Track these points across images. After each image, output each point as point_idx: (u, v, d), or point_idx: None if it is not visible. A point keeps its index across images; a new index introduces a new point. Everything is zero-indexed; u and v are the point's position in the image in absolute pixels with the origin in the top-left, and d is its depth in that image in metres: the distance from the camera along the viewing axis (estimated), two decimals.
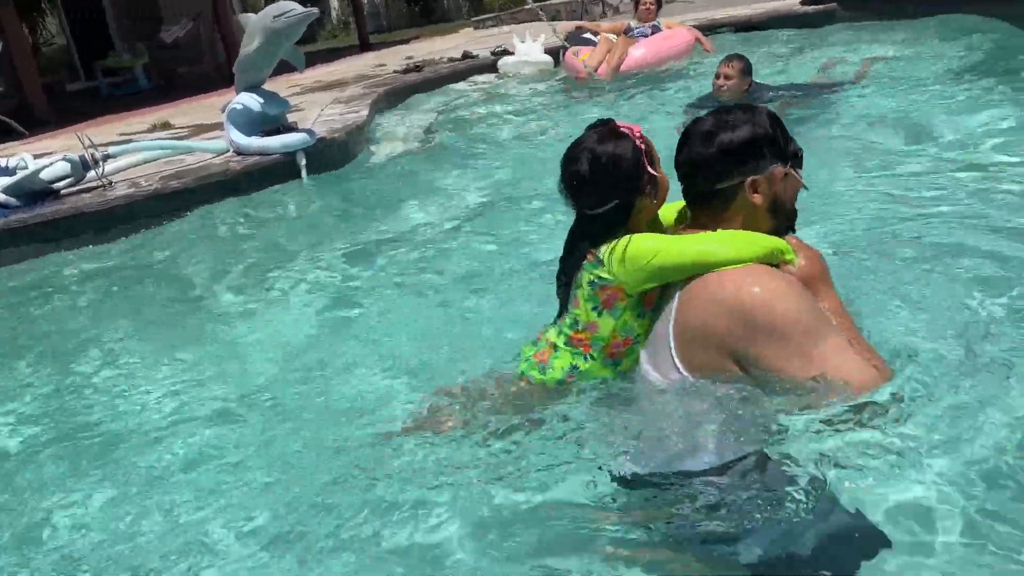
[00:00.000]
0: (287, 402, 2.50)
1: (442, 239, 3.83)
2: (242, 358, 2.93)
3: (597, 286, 1.73)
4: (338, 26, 19.19)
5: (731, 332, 1.53)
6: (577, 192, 1.76)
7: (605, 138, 1.73)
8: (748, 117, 1.65)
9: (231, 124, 5.24)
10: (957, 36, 6.45)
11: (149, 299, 3.67)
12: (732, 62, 4.95)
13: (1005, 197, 3.18)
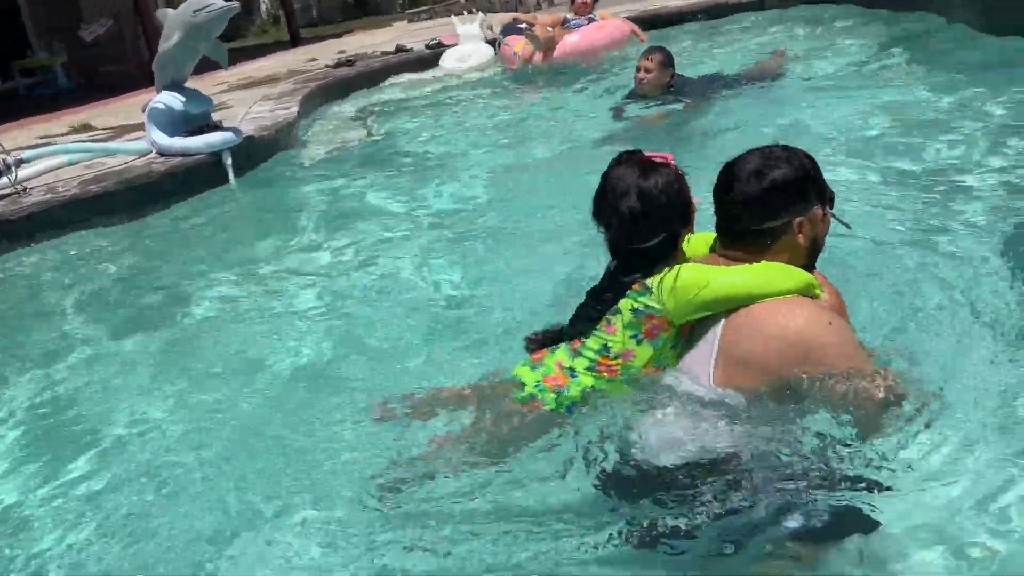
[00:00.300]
0: (216, 409, 2.41)
1: (378, 238, 3.74)
2: (165, 364, 2.82)
3: (642, 315, 1.72)
4: (268, 20, 18.76)
5: (783, 361, 1.60)
6: (630, 228, 1.72)
7: (648, 171, 1.73)
8: (789, 156, 1.69)
9: (152, 124, 5.04)
10: (882, 23, 6.58)
11: (70, 309, 3.48)
12: (651, 55, 4.95)
13: (919, 183, 3.24)
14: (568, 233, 3.18)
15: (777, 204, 1.66)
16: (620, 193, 1.72)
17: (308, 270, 3.49)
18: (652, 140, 4.51)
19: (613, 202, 1.73)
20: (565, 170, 4.29)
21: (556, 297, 2.74)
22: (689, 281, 1.66)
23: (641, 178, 1.71)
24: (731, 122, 4.62)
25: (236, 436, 2.24)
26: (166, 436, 2.34)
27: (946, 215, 2.92)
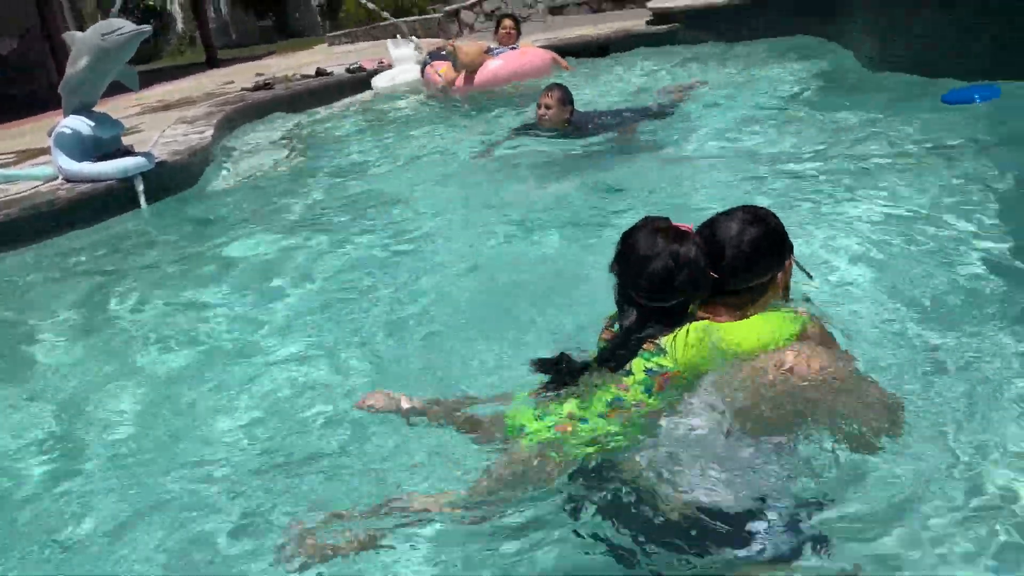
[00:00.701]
0: (123, 442, 2.35)
1: (294, 268, 3.67)
2: (73, 396, 2.72)
3: (655, 374, 1.80)
4: (184, 41, 18.34)
5: (794, 400, 1.71)
6: (657, 289, 1.81)
7: (679, 239, 1.82)
8: (765, 217, 1.87)
9: (59, 149, 4.86)
10: (791, 58, 6.86)
11: None
12: (551, 92, 5.09)
13: (823, 213, 3.36)
14: (470, 255, 3.27)
15: (765, 264, 1.84)
16: (651, 256, 1.80)
17: (217, 299, 3.41)
18: (555, 170, 4.59)
19: (645, 262, 1.81)
20: (473, 196, 4.34)
21: (472, 321, 2.78)
22: (713, 339, 1.77)
23: (674, 244, 1.81)
24: (626, 155, 4.74)
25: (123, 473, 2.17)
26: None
27: (852, 233, 3.04)
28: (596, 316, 2.06)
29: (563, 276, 3.07)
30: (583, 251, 3.32)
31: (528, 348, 2.40)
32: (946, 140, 3.89)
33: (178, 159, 5.26)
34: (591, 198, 3.99)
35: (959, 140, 3.85)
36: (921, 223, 3.04)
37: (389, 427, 2.16)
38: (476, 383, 2.35)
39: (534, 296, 2.93)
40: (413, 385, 2.36)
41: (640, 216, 1.91)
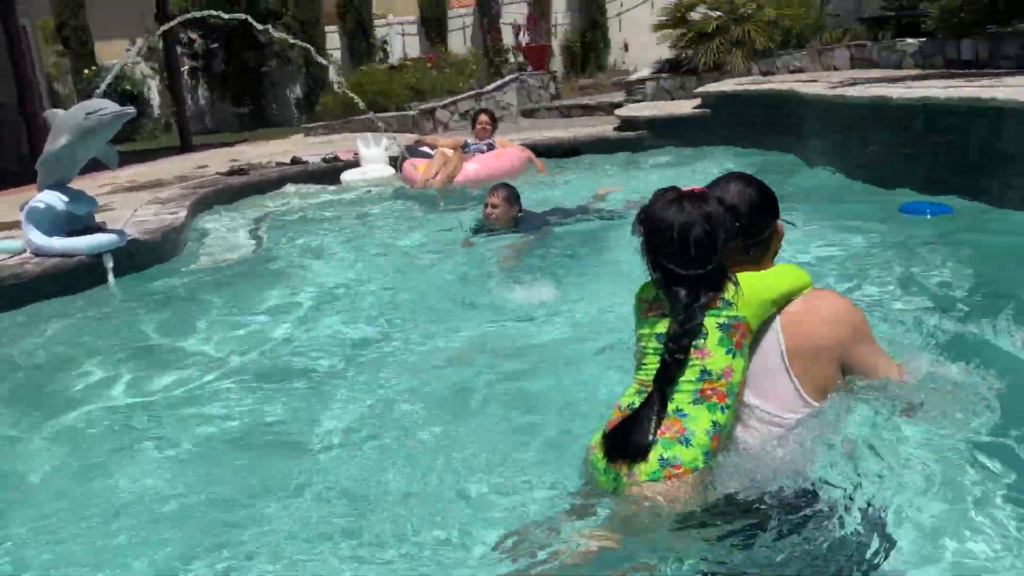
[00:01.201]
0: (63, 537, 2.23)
1: (263, 355, 3.61)
2: (20, 480, 2.61)
3: (728, 328, 1.84)
4: (160, 125, 18.53)
5: (840, 340, 1.91)
6: (704, 254, 1.84)
7: (703, 200, 1.89)
8: (750, 175, 2.09)
9: (30, 223, 4.84)
10: (749, 167, 7.16)
11: None
12: (497, 192, 5.20)
13: None
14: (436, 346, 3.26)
15: (771, 214, 2.02)
16: (689, 223, 1.85)
17: (176, 380, 3.34)
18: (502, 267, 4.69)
19: (683, 234, 1.84)
20: (432, 289, 4.40)
21: (445, 412, 2.77)
22: (757, 286, 1.88)
23: (703, 205, 1.87)
24: (571, 250, 4.86)
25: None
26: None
27: None
28: (577, 396, 2.06)
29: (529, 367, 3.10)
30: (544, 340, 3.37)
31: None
32: (901, 246, 4.08)
33: (149, 238, 5.27)
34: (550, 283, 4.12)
35: (913, 247, 4.04)
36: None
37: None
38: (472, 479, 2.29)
39: (509, 390, 2.94)
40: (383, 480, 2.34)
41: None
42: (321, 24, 16.62)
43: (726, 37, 10.77)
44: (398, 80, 13.62)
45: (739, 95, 8.43)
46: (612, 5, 16.50)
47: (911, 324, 2.91)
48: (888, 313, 3.12)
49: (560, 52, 16.79)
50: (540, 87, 14.90)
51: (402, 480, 2.35)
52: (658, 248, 1.87)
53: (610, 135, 9.26)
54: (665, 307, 1.88)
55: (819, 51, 10.52)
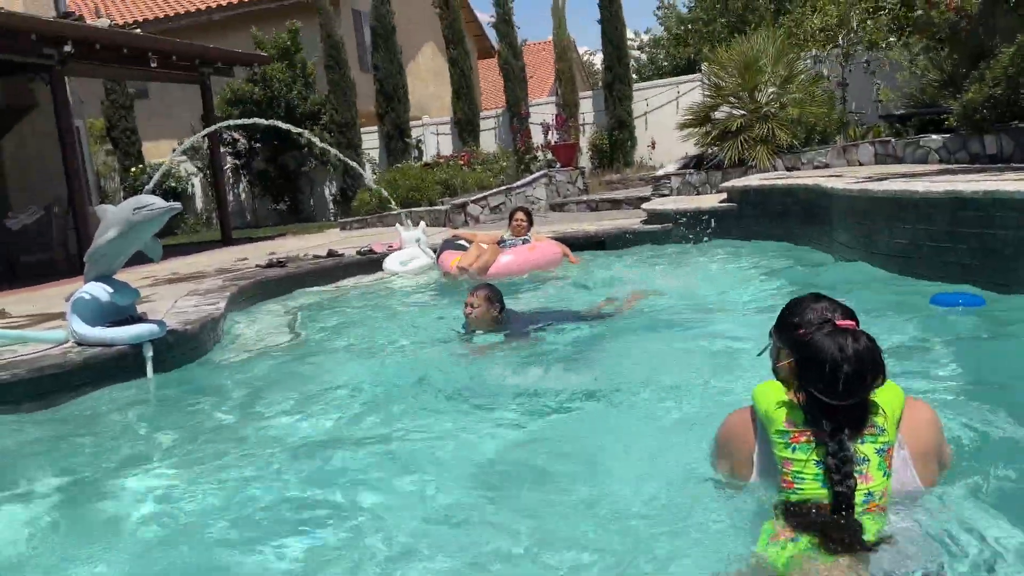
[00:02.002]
0: None
1: (298, 449, 3.61)
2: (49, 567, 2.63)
3: (884, 452, 2.01)
4: (202, 220, 19.18)
5: (939, 442, 2.20)
6: (866, 389, 2.00)
7: (861, 335, 2.03)
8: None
9: (75, 314, 5.00)
10: (775, 260, 7.22)
11: None
12: (476, 292, 5.10)
13: None
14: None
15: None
16: (863, 358, 1.98)
17: (211, 472, 3.36)
18: (484, 366, 4.58)
19: (861, 368, 1.97)
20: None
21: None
22: (893, 407, 2.05)
23: (864, 340, 2.01)
24: (555, 355, 4.72)
25: None
26: None
27: None
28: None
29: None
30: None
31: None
32: (933, 338, 4.07)
33: (188, 328, 5.40)
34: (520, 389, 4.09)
35: (946, 339, 4.03)
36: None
37: None
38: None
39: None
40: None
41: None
42: (357, 125, 17.31)
43: (750, 134, 11.04)
44: (431, 177, 14.07)
45: (764, 189, 8.58)
46: (638, 105, 17.02)
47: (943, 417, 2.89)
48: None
49: (588, 149, 17.26)
50: (568, 182, 15.28)
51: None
52: (814, 378, 1.99)
53: (637, 228, 9.41)
54: (813, 432, 2.00)
55: (843, 148, 10.72)
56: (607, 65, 17.16)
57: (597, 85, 21.72)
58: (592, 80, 29.51)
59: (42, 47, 9.76)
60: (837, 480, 1.94)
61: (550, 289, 7.04)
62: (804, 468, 1.99)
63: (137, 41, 11.50)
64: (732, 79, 11.68)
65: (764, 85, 11.57)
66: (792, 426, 2.03)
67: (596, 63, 33.66)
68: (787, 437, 2.04)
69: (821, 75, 12.56)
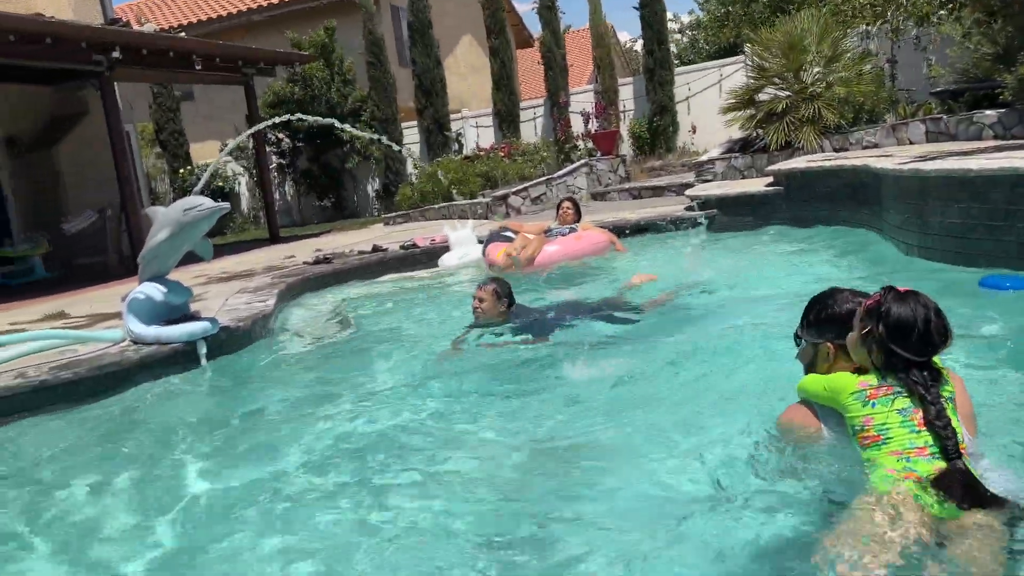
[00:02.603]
0: None
1: (349, 440, 3.68)
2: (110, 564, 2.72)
3: (952, 402, 2.27)
4: (249, 219, 19.52)
5: (971, 407, 2.43)
6: (941, 341, 2.28)
7: (923, 296, 2.32)
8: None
9: (131, 313, 5.14)
10: (824, 244, 7.08)
11: (26, 501, 3.39)
12: (484, 286, 5.06)
13: None
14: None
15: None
16: (935, 310, 2.28)
17: (264, 463, 3.44)
18: (492, 368, 4.49)
19: (942, 321, 2.27)
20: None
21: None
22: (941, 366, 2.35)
23: (928, 301, 2.30)
24: (564, 352, 4.60)
25: None
26: None
27: None
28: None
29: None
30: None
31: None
32: (980, 321, 3.96)
33: (240, 325, 5.51)
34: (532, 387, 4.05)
35: (993, 321, 3.92)
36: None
37: None
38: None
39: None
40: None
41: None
42: (398, 120, 17.41)
43: (796, 116, 10.83)
44: (472, 170, 14.10)
45: (812, 171, 8.41)
46: (680, 90, 16.81)
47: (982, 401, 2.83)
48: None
49: (629, 136, 17.11)
50: (610, 171, 15.18)
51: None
52: (899, 339, 2.25)
53: (681, 214, 9.31)
54: (895, 388, 2.27)
55: (893, 126, 10.46)
56: (647, 50, 16.95)
57: (638, 71, 21.52)
58: (633, 67, 29.24)
59: (91, 54, 10.01)
60: (940, 426, 2.17)
61: (589, 279, 7.00)
62: (888, 419, 2.24)
63: (182, 44, 11.72)
64: (776, 60, 11.46)
65: (809, 65, 11.33)
66: (867, 385, 2.29)
67: (637, 49, 33.38)
68: (863, 395, 2.28)
69: (869, 52, 12.25)
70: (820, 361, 2.55)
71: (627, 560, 2.28)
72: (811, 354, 2.59)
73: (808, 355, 2.60)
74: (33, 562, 2.79)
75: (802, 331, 2.62)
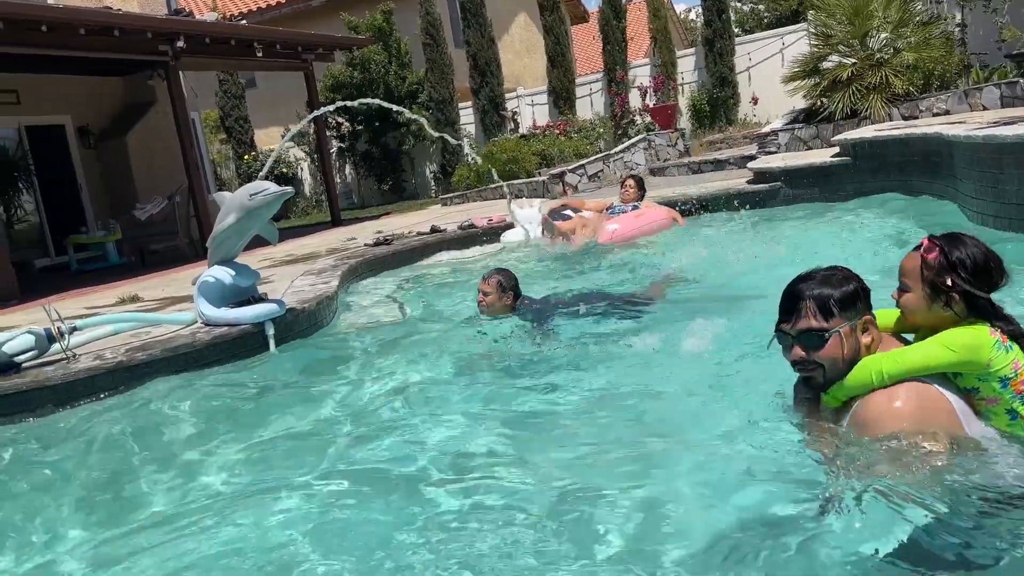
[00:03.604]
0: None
1: (412, 418, 3.75)
2: (182, 536, 2.81)
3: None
4: (311, 203, 19.88)
5: None
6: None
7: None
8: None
9: (201, 296, 5.30)
10: (894, 215, 6.86)
11: (101, 474, 3.55)
12: (489, 279, 4.91)
13: None
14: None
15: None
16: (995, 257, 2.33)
17: (335, 444, 3.53)
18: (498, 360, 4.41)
19: (994, 252, 2.32)
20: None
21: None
22: None
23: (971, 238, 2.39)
24: (568, 346, 4.49)
25: None
26: None
27: None
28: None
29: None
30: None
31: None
32: None
33: (306, 306, 5.64)
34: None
35: None
36: None
37: None
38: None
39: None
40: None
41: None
42: (455, 101, 17.45)
43: (862, 83, 10.48)
44: (528, 148, 14.06)
45: (880, 141, 8.14)
46: (740, 60, 16.42)
47: None
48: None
49: (688, 110, 16.81)
50: (668, 145, 14.95)
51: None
52: (983, 279, 2.25)
53: (743, 188, 9.13)
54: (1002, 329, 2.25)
55: (965, 92, 10.03)
56: (706, 20, 16.60)
57: (696, 43, 21.08)
58: (691, 38, 28.65)
59: (157, 44, 10.29)
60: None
61: (641, 259, 6.91)
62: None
63: (244, 32, 11.95)
64: (841, 26, 11.09)
65: (876, 31, 10.93)
66: (991, 332, 2.21)
67: (693, 18, 32.66)
68: (999, 343, 2.21)
69: (938, 16, 11.76)
70: (853, 346, 2.26)
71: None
72: (850, 343, 2.25)
73: (844, 347, 2.24)
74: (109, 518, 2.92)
75: (825, 320, 2.25)
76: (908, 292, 2.31)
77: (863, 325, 2.27)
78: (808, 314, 2.26)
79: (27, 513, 3.19)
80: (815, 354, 2.27)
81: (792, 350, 2.31)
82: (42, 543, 2.93)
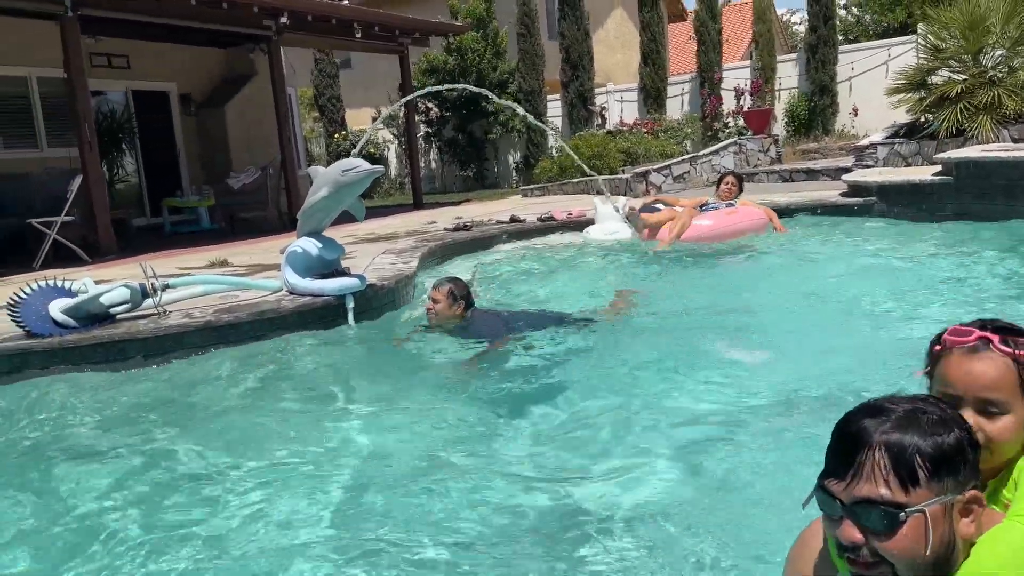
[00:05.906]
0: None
1: (484, 399, 3.81)
2: (259, 497, 2.91)
3: None
4: (395, 185, 20.21)
5: None
6: None
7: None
8: None
9: (288, 265, 5.44)
10: (996, 243, 6.52)
11: (182, 427, 3.70)
12: (439, 287, 4.79)
13: None
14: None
15: None
16: None
17: (400, 414, 3.60)
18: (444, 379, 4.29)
19: None
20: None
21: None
22: None
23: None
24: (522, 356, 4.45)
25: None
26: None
27: None
28: None
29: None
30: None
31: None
32: None
33: (385, 284, 5.73)
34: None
35: None
36: None
37: None
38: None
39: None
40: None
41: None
42: (544, 93, 17.43)
43: (971, 101, 10.02)
44: (613, 145, 13.94)
45: (988, 161, 7.76)
46: (843, 69, 15.91)
47: None
48: None
49: (783, 116, 16.39)
50: (760, 151, 14.62)
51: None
52: None
53: (836, 200, 8.85)
54: None
55: None
56: (811, 25, 16.13)
57: (796, 48, 20.52)
58: (791, 42, 27.91)
59: (262, 18, 10.58)
60: None
61: (727, 259, 6.76)
62: None
63: (344, 13, 12.18)
64: (953, 40, 10.62)
65: (991, 47, 10.43)
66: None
67: (795, 22, 31.80)
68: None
69: None
70: (945, 537, 1.32)
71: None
72: (941, 531, 1.31)
73: (931, 536, 1.29)
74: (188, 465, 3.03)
75: (904, 490, 1.30)
76: (1004, 415, 1.53)
77: (965, 504, 1.35)
78: (877, 475, 1.31)
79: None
80: (881, 542, 1.31)
81: (843, 527, 1.34)
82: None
